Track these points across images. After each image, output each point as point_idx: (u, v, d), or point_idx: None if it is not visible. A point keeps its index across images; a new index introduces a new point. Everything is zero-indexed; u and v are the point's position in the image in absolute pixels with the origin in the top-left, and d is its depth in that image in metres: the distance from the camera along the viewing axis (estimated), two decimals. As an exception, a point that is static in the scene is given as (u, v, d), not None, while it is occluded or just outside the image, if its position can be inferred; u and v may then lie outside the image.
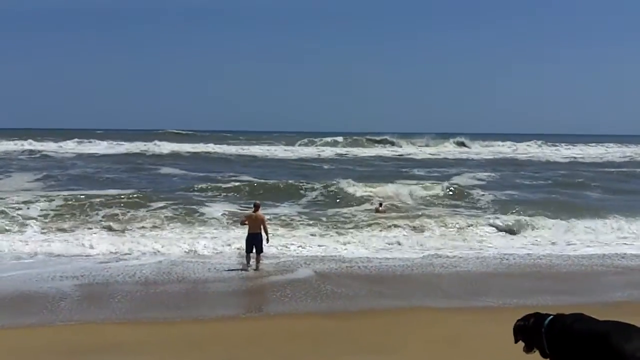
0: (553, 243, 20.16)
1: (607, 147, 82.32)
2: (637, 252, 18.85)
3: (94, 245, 17.89)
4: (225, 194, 27.90)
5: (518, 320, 5.52)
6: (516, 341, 5.50)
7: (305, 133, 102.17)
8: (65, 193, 25.05)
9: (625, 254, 18.60)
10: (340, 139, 78.10)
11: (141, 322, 11.62)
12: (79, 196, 24.10)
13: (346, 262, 17.03)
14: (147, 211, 22.16)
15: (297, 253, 17.98)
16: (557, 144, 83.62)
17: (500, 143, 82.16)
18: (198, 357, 9.44)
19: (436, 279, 15.60)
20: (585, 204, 27.76)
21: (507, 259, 17.74)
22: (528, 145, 79.37)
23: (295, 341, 10.24)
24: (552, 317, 5.30)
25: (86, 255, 17.20)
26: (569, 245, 20.01)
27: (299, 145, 74.58)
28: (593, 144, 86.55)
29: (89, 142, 66.14)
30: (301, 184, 29.80)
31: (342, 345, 10.06)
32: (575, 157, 65.63)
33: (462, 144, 77.54)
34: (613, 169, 49.33)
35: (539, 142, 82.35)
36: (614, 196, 31.20)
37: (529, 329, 5.37)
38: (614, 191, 33.17)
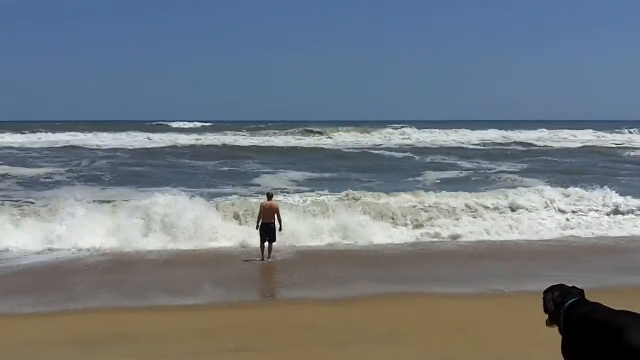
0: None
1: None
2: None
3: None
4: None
5: (546, 291, 5.29)
6: (546, 311, 5.24)
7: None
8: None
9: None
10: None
11: (153, 309, 11.77)
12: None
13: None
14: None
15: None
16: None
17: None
18: (210, 347, 9.52)
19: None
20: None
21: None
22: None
23: (306, 330, 10.32)
24: (574, 300, 5.09)
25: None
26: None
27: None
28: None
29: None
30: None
31: (352, 333, 10.12)
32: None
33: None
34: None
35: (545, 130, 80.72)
36: None
37: (554, 300, 5.18)
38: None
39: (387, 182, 30.63)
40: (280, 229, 16.54)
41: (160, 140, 62.72)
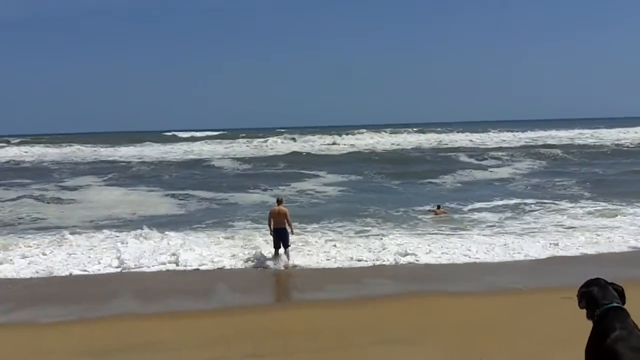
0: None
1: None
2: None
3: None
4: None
5: (582, 287, 4.89)
6: (581, 307, 4.84)
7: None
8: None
9: None
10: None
11: (171, 316, 11.77)
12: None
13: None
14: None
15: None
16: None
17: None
18: (225, 352, 9.50)
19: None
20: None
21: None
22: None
23: (323, 333, 10.26)
24: (611, 306, 4.65)
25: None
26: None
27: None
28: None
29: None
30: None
31: (371, 334, 10.05)
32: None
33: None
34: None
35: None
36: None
37: (589, 298, 4.76)
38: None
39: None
40: (292, 232, 16.56)
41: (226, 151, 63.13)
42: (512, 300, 11.97)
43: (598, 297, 4.72)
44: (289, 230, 16.41)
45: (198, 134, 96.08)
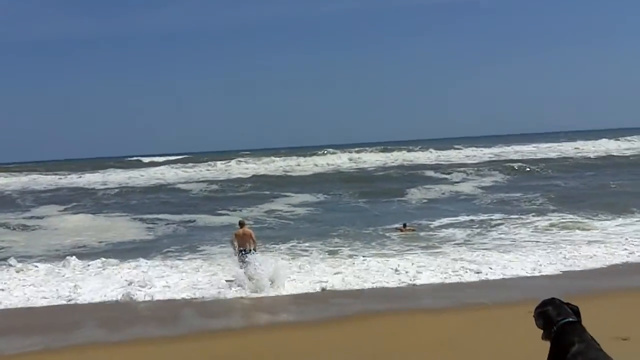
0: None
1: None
2: None
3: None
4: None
5: (537, 307, 4.98)
6: (539, 327, 4.91)
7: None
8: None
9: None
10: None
11: (135, 343, 11.56)
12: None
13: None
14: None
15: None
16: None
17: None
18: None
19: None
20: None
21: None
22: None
23: (294, 357, 10.22)
24: (567, 321, 4.75)
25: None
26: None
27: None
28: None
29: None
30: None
31: (337, 356, 10.03)
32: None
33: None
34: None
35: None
36: None
37: (545, 318, 4.84)
38: None
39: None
40: (255, 250, 16.83)
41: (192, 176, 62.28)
42: (478, 316, 12.06)
43: (553, 315, 4.81)
44: (252, 251, 16.55)
45: (160, 159, 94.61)
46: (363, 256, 18.61)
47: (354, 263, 17.62)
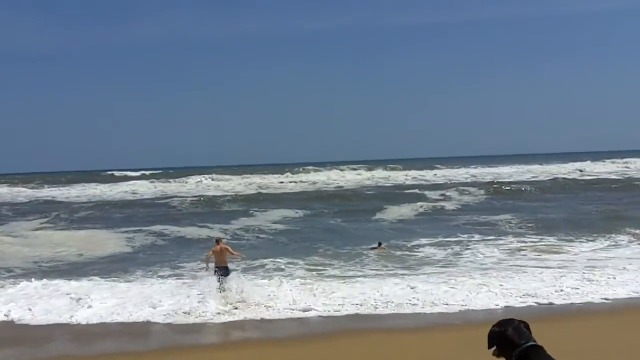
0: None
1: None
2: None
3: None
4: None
5: (494, 326, 4.64)
6: (490, 347, 4.62)
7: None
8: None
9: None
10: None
11: (107, 357, 11.67)
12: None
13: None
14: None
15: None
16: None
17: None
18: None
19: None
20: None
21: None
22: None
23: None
24: (530, 345, 4.47)
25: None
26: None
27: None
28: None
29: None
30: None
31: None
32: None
33: None
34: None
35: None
36: None
37: (503, 339, 4.53)
38: None
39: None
40: (244, 258, 18.40)
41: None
42: (450, 336, 12.29)
43: (514, 337, 4.50)
44: (233, 262, 17.51)
45: (132, 173, 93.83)
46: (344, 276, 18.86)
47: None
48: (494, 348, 4.56)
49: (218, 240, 17.92)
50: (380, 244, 24.28)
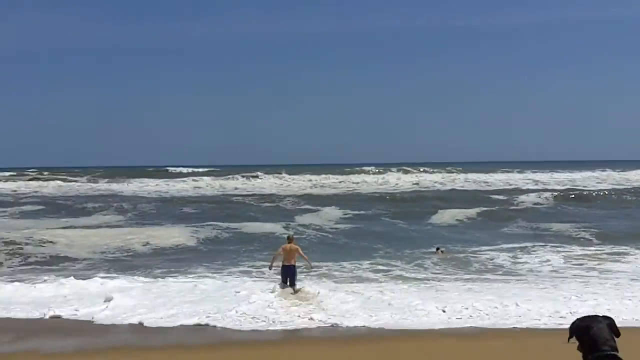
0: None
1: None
2: None
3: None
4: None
5: (577, 319, 4.43)
6: (569, 338, 4.41)
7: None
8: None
9: None
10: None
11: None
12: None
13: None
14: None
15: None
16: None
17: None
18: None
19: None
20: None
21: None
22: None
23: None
24: (608, 354, 4.18)
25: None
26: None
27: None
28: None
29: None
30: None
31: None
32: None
33: None
34: None
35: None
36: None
37: (585, 336, 4.31)
38: None
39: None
40: (311, 266, 17.73)
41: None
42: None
43: (597, 340, 4.25)
44: (300, 266, 17.11)
45: (186, 170, 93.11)
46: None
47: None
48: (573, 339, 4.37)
49: (290, 239, 17.45)
50: (438, 248, 24.22)
